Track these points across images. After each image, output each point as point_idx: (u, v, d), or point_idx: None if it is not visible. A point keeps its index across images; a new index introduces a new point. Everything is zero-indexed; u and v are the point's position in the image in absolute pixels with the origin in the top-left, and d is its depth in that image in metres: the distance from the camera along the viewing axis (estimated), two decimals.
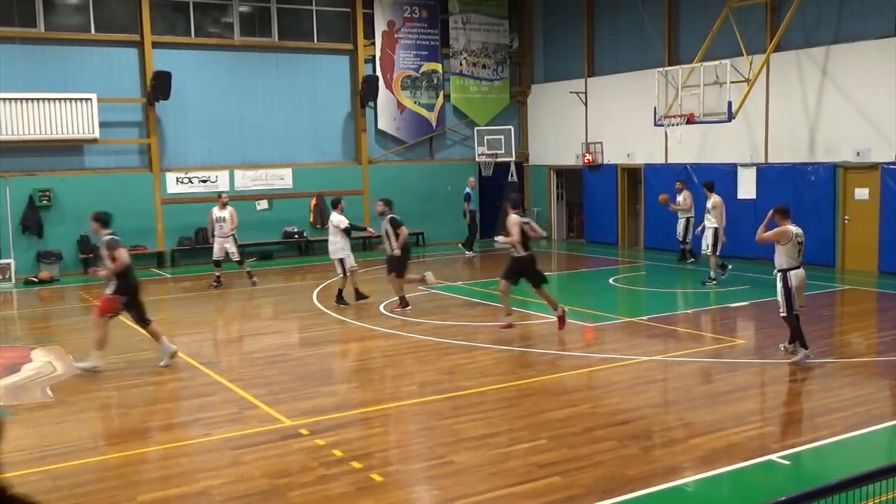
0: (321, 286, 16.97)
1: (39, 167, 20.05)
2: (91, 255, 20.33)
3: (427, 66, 24.74)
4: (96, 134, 20.17)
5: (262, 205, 22.64)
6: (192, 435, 8.06)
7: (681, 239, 18.86)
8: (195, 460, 7.37)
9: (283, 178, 22.97)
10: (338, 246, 14.71)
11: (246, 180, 22.50)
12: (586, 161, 23.72)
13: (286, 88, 22.95)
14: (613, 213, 23.31)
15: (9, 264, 18.97)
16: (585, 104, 24.04)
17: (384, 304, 14.65)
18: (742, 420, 8.02)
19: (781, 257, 10.03)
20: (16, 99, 19.29)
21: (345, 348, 12.12)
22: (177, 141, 21.71)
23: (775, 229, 10.13)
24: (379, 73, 24.01)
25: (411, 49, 24.46)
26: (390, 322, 13.18)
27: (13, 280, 18.83)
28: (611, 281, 17.26)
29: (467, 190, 22.94)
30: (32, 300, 17.29)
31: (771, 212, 10.36)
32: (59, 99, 19.75)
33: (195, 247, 21.36)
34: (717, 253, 16.11)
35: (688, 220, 18.65)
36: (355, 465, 6.99)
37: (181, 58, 21.40)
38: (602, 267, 19.53)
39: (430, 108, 24.89)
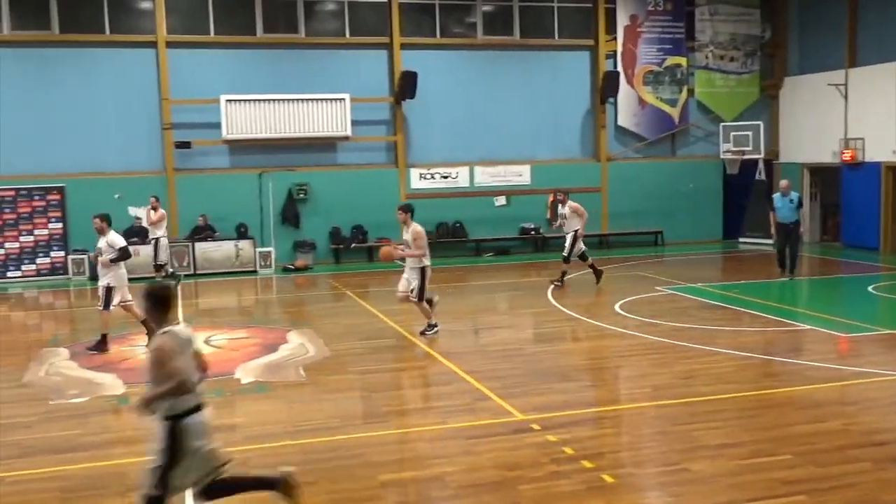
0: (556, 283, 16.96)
1: (297, 163, 21.62)
2: (341, 246, 21.70)
3: (671, 60, 23.98)
4: (348, 132, 21.47)
5: (501, 201, 23.02)
6: (427, 422, 8.35)
7: None
8: (430, 446, 7.61)
9: (521, 175, 23.22)
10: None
11: (485, 176, 22.98)
12: (846, 158, 21.95)
13: (526, 85, 23.16)
14: (876, 214, 21.39)
15: (270, 252, 20.67)
16: (846, 97, 22.23)
17: (619, 303, 14.38)
18: None
19: None
20: (278, 100, 20.98)
21: (578, 346, 12.03)
22: (421, 138, 22.59)
23: None
24: (620, 68, 23.60)
25: (654, 43, 23.81)
26: (625, 321, 12.91)
27: (273, 267, 20.49)
28: (870, 289, 15.82)
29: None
30: (289, 286, 18.70)
31: None
32: (316, 99, 21.23)
33: (436, 240, 22.11)
34: None
35: None
36: (586, 464, 6.90)
37: (427, 58, 22.23)
38: (861, 273, 17.98)
39: (672, 103, 24.11)
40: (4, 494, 6.50)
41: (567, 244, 16.60)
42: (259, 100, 20.90)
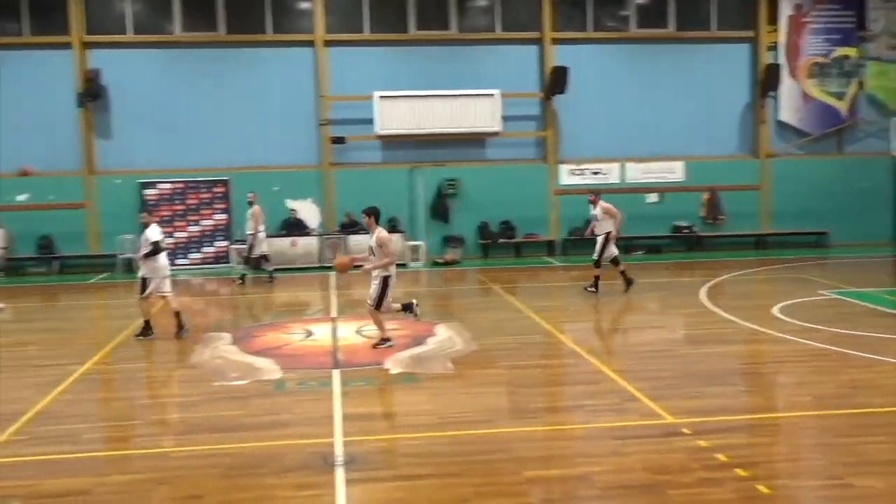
0: (710, 283, 16.41)
1: (447, 158, 21.89)
2: (490, 242, 21.81)
3: (839, 52, 22.70)
4: (498, 127, 21.54)
5: (653, 198, 22.49)
6: (575, 420, 8.26)
7: None
8: (577, 445, 7.53)
9: (674, 172, 22.62)
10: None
11: (636, 173, 22.51)
12: None
13: (681, 79, 22.53)
14: None
15: (420, 246, 21.04)
16: None
17: (778, 307, 13.74)
18: None
19: None
20: (429, 96, 21.30)
21: (733, 349, 11.57)
22: (571, 134, 22.38)
23: None
24: (783, 60, 22.54)
25: (821, 33, 22.61)
26: (784, 326, 12.32)
27: (423, 260, 20.85)
28: None
29: None
30: (438, 279, 18.97)
31: None
32: (467, 95, 21.41)
33: (584, 237, 21.85)
34: None
35: None
36: (740, 472, 6.63)
37: (578, 52, 22.00)
38: None
39: (840, 96, 22.82)
40: (172, 469, 6.92)
41: (597, 247, 15.60)
42: (411, 96, 21.30)
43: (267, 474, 6.69)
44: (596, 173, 22.40)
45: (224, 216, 21.44)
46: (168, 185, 21.35)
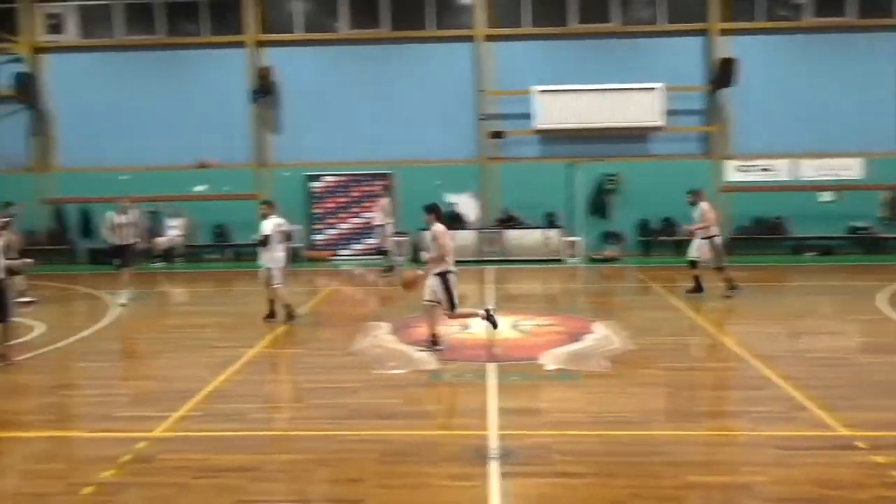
0: (890, 288, 15.35)
1: (607, 153, 21.52)
2: (651, 238, 21.31)
3: None
4: (661, 121, 20.97)
5: (828, 196, 21.26)
6: (738, 426, 7.92)
7: None
8: (739, 452, 7.21)
9: (850, 168, 21.30)
10: None
11: (809, 169, 21.34)
12: None
13: (859, 71, 21.23)
14: None
15: (578, 241, 20.81)
16: None
17: None
18: None
19: None
20: (590, 90, 21.00)
21: None
22: (739, 128, 21.50)
23: None
24: None
25: None
26: None
27: (580, 256, 20.62)
28: None
29: None
30: (595, 276, 18.71)
31: None
32: (628, 89, 20.96)
33: (751, 236, 21.01)
34: None
35: None
36: None
37: (747, 43, 21.11)
38: None
39: None
40: (332, 451, 7.16)
41: (693, 247, 14.85)
42: (570, 90, 21.08)
43: (422, 462, 6.80)
44: (765, 170, 21.40)
45: None
46: (333, 178, 22.12)
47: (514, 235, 20.85)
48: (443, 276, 10.55)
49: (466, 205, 21.84)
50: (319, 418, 8.26)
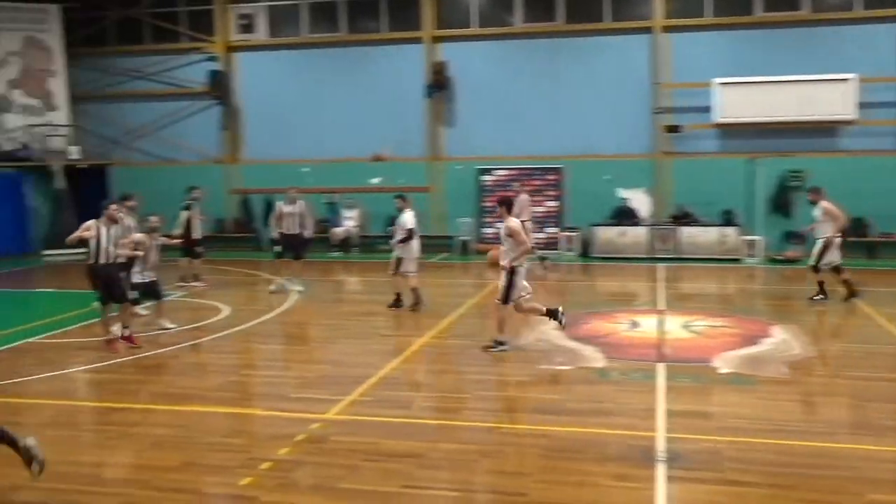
0: None
1: (791, 148, 20.40)
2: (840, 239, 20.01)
3: None
4: (853, 115, 19.66)
5: None
6: None
7: None
8: None
9: None
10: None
11: None
12: None
13: None
14: None
15: (757, 241, 19.88)
16: None
17: None
18: None
19: None
20: (774, 82, 19.97)
21: None
22: None
23: None
24: None
25: None
26: None
27: (760, 256, 19.69)
28: None
29: None
30: (775, 277, 17.82)
31: None
32: (817, 80, 19.76)
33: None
34: None
35: None
36: None
37: None
38: None
39: None
40: (496, 443, 7.21)
41: (816, 251, 13.74)
42: (753, 82, 20.13)
43: (587, 460, 6.72)
44: None
45: (556, 203, 21.87)
46: (504, 172, 22.23)
47: (688, 233, 20.17)
48: (512, 271, 10.40)
49: (639, 200, 21.35)
50: (484, 410, 8.33)
